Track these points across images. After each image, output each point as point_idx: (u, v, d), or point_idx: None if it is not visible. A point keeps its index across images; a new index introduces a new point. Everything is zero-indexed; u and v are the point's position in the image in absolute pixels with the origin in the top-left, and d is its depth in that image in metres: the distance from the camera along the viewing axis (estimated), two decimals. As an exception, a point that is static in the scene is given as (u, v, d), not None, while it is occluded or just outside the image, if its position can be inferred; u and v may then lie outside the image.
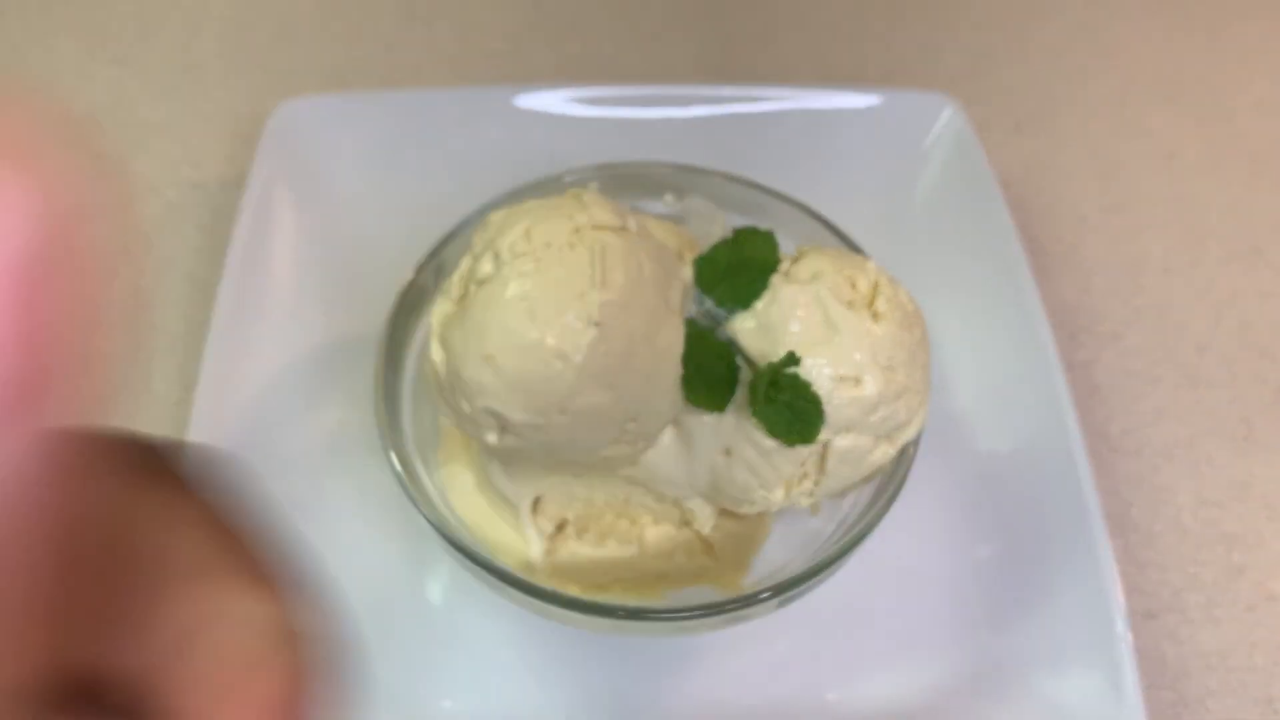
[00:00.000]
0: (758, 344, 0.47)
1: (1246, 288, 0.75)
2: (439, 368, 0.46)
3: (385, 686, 0.55)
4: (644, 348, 0.44)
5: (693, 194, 0.61)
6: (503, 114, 0.73)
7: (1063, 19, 0.93)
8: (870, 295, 0.48)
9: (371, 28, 0.89)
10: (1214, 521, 0.64)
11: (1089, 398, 0.69)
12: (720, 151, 0.74)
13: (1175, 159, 0.83)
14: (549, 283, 0.43)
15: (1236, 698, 0.58)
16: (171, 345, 0.69)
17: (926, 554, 0.59)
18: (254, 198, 0.67)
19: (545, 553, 0.54)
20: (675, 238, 0.55)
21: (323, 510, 0.59)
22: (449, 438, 0.57)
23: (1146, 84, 0.88)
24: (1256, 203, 0.80)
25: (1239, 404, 0.69)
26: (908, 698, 0.55)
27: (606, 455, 0.48)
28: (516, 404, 0.44)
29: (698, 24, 0.91)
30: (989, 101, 0.86)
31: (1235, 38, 0.92)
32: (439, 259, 0.56)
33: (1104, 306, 0.74)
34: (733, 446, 0.48)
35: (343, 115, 0.72)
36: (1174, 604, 0.61)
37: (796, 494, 0.49)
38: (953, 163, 0.72)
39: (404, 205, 0.71)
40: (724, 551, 0.56)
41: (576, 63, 0.87)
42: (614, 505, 0.55)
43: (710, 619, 0.49)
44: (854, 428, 0.46)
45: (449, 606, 0.57)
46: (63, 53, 0.86)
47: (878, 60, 0.89)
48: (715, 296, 0.48)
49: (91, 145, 0.15)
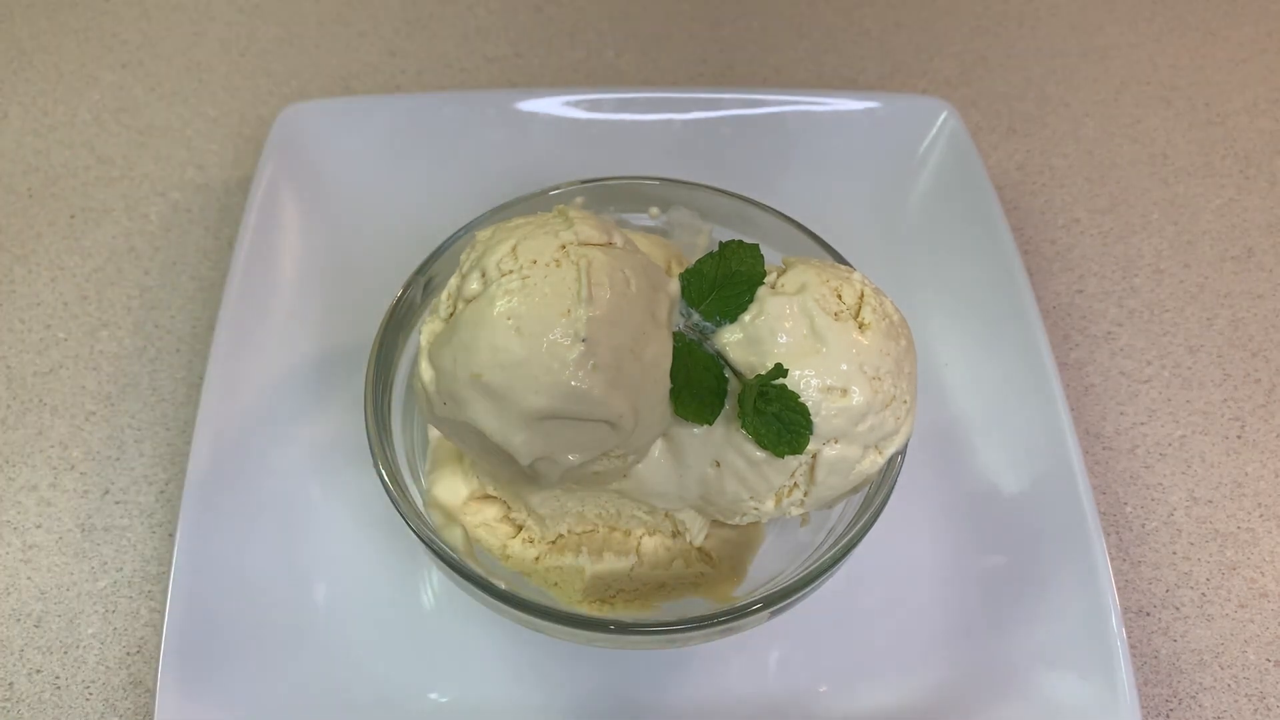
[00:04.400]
0: (745, 356, 0.47)
1: (1238, 288, 0.76)
2: (428, 386, 0.47)
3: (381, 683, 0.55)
4: (632, 362, 0.44)
5: (677, 206, 0.62)
6: (505, 118, 0.74)
7: (1055, 24, 0.94)
8: (856, 306, 0.48)
9: (375, 33, 0.90)
10: (1207, 519, 0.65)
11: (1082, 397, 0.70)
12: (719, 155, 0.76)
13: (1167, 161, 0.84)
14: (536, 300, 0.43)
15: (1229, 693, 0.59)
16: (178, 345, 0.70)
17: (923, 553, 0.60)
18: (259, 200, 0.67)
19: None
20: (662, 251, 0.55)
21: (323, 507, 0.60)
22: (439, 448, 0.57)
23: (1139, 87, 0.89)
24: (1248, 204, 0.81)
25: (1231, 403, 0.70)
26: (906, 695, 0.56)
27: (597, 469, 0.48)
28: (505, 420, 0.44)
29: (697, 30, 0.92)
30: (983, 105, 0.87)
31: (1226, 41, 0.93)
32: (426, 274, 0.57)
33: (1097, 307, 0.75)
34: (722, 458, 0.48)
35: (347, 119, 0.73)
36: (1167, 601, 0.62)
37: (787, 504, 0.49)
38: (948, 165, 0.72)
39: (407, 207, 0.71)
40: (721, 558, 0.56)
41: (577, 68, 0.88)
42: (606, 518, 0.55)
43: (702, 631, 0.49)
44: (842, 437, 0.47)
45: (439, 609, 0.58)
46: (69, 57, 0.87)
47: (874, 65, 0.90)
48: (702, 310, 0.48)
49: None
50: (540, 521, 0.55)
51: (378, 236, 0.70)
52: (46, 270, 0.74)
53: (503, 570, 0.55)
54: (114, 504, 0.63)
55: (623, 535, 0.56)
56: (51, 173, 0.79)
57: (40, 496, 0.63)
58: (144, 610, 0.60)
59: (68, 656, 0.58)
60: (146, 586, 0.60)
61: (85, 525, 0.62)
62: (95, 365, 0.69)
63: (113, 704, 0.57)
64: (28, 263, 0.74)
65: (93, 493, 0.64)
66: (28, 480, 0.64)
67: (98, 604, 0.60)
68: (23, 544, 0.62)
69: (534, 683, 0.56)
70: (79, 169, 0.79)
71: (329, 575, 0.58)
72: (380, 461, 0.51)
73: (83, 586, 0.60)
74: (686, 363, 0.47)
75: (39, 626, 0.59)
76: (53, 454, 0.65)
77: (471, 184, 0.70)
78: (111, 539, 0.62)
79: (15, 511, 0.63)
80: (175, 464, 0.65)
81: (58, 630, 0.59)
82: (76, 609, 0.60)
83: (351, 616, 0.57)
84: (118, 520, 0.63)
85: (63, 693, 0.57)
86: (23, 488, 0.64)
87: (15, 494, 0.63)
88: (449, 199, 0.68)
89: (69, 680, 0.57)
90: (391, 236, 0.69)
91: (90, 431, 0.66)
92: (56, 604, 0.60)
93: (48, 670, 0.58)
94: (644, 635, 0.50)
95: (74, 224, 0.76)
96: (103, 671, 0.58)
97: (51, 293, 0.72)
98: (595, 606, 0.55)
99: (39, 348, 0.70)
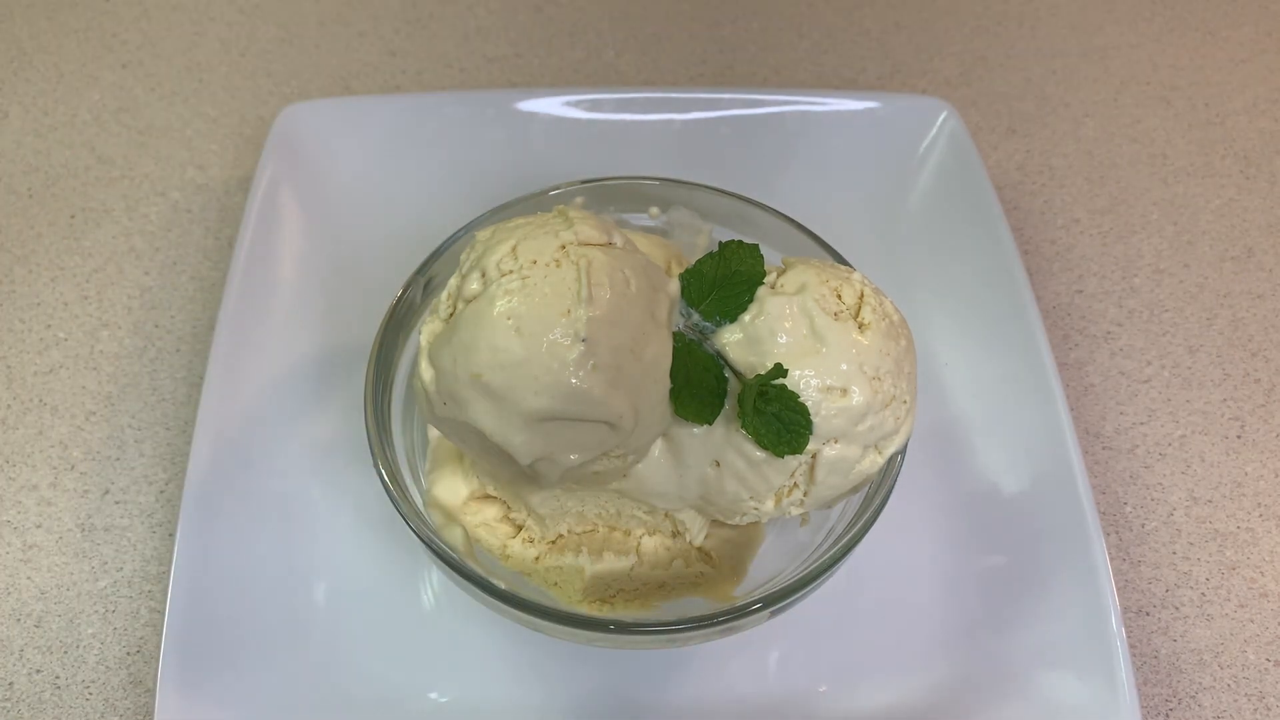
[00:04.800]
0: (745, 356, 0.47)
1: (1238, 288, 0.76)
2: (428, 386, 0.46)
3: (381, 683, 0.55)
4: (632, 362, 0.44)
5: (677, 206, 0.62)
6: (505, 118, 0.74)
7: (1055, 24, 0.94)
8: (856, 306, 0.48)
9: (374, 33, 0.90)
10: (1206, 519, 0.65)
11: (1082, 397, 0.70)
12: (719, 155, 0.76)
13: (1167, 161, 0.84)
14: (536, 300, 0.43)
15: (1229, 693, 0.59)
16: (178, 345, 0.70)
17: (923, 553, 0.60)
18: (259, 200, 0.67)
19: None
20: (662, 251, 0.55)
21: (323, 507, 0.60)
22: (439, 448, 0.57)
23: (1138, 87, 0.89)
24: (1248, 204, 0.81)
25: (1231, 403, 0.70)
26: (906, 695, 0.56)
27: (597, 469, 0.48)
28: (505, 420, 0.44)
29: (697, 30, 0.92)
30: (983, 105, 0.87)
31: (1226, 41, 0.93)
32: (426, 274, 0.57)
33: (1097, 307, 0.75)
34: (722, 458, 0.48)
35: (346, 118, 0.73)
36: (1167, 601, 0.62)
37: (786, 504, 0.49)
38: (948, 165, 0.72)
39: (407, 206, 0.71)
40: (721, 558, 0.56)
41: (577, 68, 0.88)
42: (606, 518, 0.55)
43: (702, 631, 0.49)
44: (842, 437, 0.47)
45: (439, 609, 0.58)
46: (69, 57, 0.87)
47: (874, 65, 0.90)
48: (702, 310, 0.48)
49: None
50: (540, 521, 0.55)
51: (378, 236, 0.70)
52: (46, 270, 0.74)
53: (503, 570, 0.55)
54: (114, 504, 0.63)
55: (623, 535, 0.56)
56: (51, 173, 0.79)
57: (40, 496, 0.63)
58: (144, 610, 0.60)
59: (68, 656, 0.58)
60: (146, 586, 0.60)
61: (85, 525, 0.62)
62: (95, 365, 0.69)
63: (113, 704, 0.57)
64: (28, 263, 0.74)
65: (93, 493, 0.64)
66: (28, 480, 0.64)
67: (98, 604, 0.60)
68: (23, 544, 0.62)
69: (534, 683, 0.56)
70: (79, 169, 0.80)
71: (329, 575, 0.58)
72: (380, 461, 0.51)
73: (83, 586, 0.60)
74: (686, 363, 0.47)
75: (39, 626, 0.59)
76: (53, 454, 0.65)
77: (471, 184, 0.70)
78: (111, 539, 0.62)
79: (15, 511, 0.63)
80: (175, 464, 0.65)
81: (58, 630, 0.59)
82: (76, 609, 0.60)
83: (351, 616, 0.57)
84: (118, 520, 0.63)
85: (63, 693, 0.57)
86: (23, 488, 0.64)
87: (15, 494, 0.63)
88: (449, 199, 0.68)
89: (69, 680, 0.57)
90: (391, 236, 0.69)
91: (90, 431, 0.66)
92: (56, 604, 0.60)
93: (48, 670, 0.58)
94: (644, 635, 0.50)
95: (74, 224, 0.76)
96: (103, 671, 0.58)
97: (51, 293, 0.72)
98: (595, 606, 0.55)
99: (39, 348, 0.70)
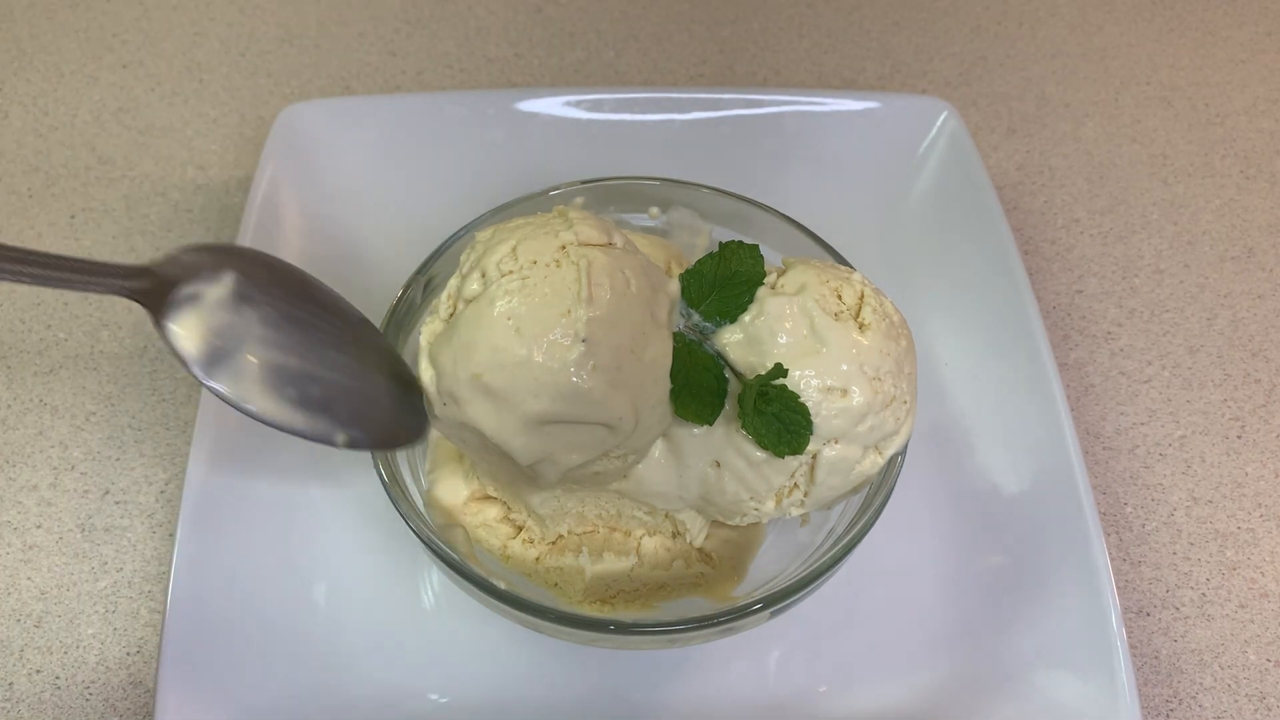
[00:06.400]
0: (745, 356, 0.47)
1: (1238, 288, 0.76)
2: (428, 386, 0.47)
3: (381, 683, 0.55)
4: (632, 363, 0.44)
5: (677, 206, 0.62)
6: (505, 118, 0.74)
7: (1055, 24, 0.94)
8: (856, 306, 0.48)
9: (374, 33, 0.90)
10: (1207, 519, 0.65)
11: (1083, 397, 0.70)
12: (719, 155, 0.76)
13: (1167, 161, 0.84)
14: (536, 300, 0.44)
15: (1230, 694, 0.59)
16: (177, 346, 0.70)
17: (923, 553, 0.60)
18: (259, 200, 0.67)
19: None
20: (662, 252, 0.55)
21: (323, 507, 0.60)
22: (439, 448, 0.57)
23: (1138, 87, 0.89)
24: (1249, 204, 0.81)
25: (1231, 403, 0.70)
26: (906, 695, 0.56)
27: (597, 470, 0.48)
28: (505, 420, 0.44)
29: (697, 30, 0.92)
30: (983, 105, 0.87)
31: (1226, 41, 0.93)
32: (426, 274, 0.57)
33: (1097, 307, 0.75)
34: (722, 459, 0.48)
35: (347, 119, 0.73)
36: (1168, 601, 0.62)
37: (787, 504, 0.49)
38: (948, 166, 0.72)
39: (407, 206, 0.71)
40: (721, 558, 0.56)
41: (577, 68, 0.88)
42: (606, 519, 0.55)
43: (702, 631, 0.49)
44: (842, 438, 0.47)
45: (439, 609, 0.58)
46: (69, 57, 0.87)
47: (874, 65, 0.90)
48: (702, 310, 0.48)
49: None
50: (540, 522, 0.55)
51: (378, 237, 0.70)
52: (46, 270, 0.74)
53: (503, 570, 0.55)
54: (114, 504, 0.63)
55: (623, 536, 0.56)
56: (51, 173, 0.79)
57: (40, 496, 0.63)
58: (144, 610, 0.60)
59: (68, 656, 0.58)
60: (146, 586, 0.60)
61: (85, 525, 0.62)
62: (95, 365, 0.69)
63: (113, 704, 0.57)
64: (28, 263, 0.74)
65: (93, 493, 0.64)
66: (28, 480, 0.64)
67: (98, 604, 0.60)
68: (23, 544, 0.62)
69: (534, 683, 0.56)
70: (79, 169, 0.80)
71: (329, 575, 0.58)
72: (380, 461, 0.51)
73: (83, 587, 0.60)
74: (686, 363, 0.47)
75: (39, 626, 0.59)
76: (53, 454, 0.65)
77: (471, 184, 0.70)
78: (111, 539, 0.62)
79: (15, 511, 0.63)
80: (175, 464, 0.65)
81: (58, 630, 0.59)
82: (76, 609, 0.60)
83: (351, 616, 0.57)
84: (118, 520, 0.63)
85: (63, 693, 0.57)
86: (23, 488, 0.64)
87: (15, 494, 0.63)
88: (449, 199, 0.68)
89: (69, 680, 0.57)
90: (391, 236, 0.69)
91: (90, 431, 0.66)
92: (56, 604, 0.60)
93: (48, 670, 0.58)
94: (644, 635, 0.50)
95: (74, 224, 0.76)
96: (103, 671, 0.58)
97: (52, 293, 0.72)
98: (595, 607, 0.55)
99: (39, 348, 0.70)
